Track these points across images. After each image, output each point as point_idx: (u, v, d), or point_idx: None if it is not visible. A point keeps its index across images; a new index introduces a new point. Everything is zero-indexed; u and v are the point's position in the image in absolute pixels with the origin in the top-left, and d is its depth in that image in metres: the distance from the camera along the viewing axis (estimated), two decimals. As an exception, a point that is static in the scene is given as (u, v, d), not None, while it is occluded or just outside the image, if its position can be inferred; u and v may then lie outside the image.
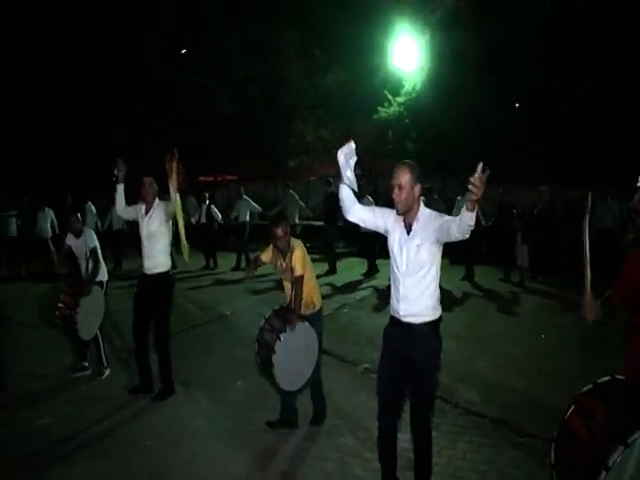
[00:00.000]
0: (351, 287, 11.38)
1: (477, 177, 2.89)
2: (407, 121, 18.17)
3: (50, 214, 14.24)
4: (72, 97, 22.01)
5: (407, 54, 17.99)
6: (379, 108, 18.61)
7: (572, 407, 2.99)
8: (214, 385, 6.15)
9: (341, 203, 3.72)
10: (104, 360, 6.63)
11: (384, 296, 8.51)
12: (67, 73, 21.79)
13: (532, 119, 16.12)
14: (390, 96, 18.42)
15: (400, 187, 3.47)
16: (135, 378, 6.01)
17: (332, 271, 12.85)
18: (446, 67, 16.89)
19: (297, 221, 14.84)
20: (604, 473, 2.61)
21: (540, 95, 15.76)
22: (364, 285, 11.52)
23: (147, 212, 5.78)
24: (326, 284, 11.38)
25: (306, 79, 20.83)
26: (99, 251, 6.59)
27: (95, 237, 6.67)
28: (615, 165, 13.19)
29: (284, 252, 4.83)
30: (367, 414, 4.96)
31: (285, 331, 4.55)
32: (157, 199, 5.80)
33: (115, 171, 5.77)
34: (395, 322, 3.66)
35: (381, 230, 3.73)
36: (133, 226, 13.39)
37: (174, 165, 5.38)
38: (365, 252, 12.84)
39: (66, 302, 6.37)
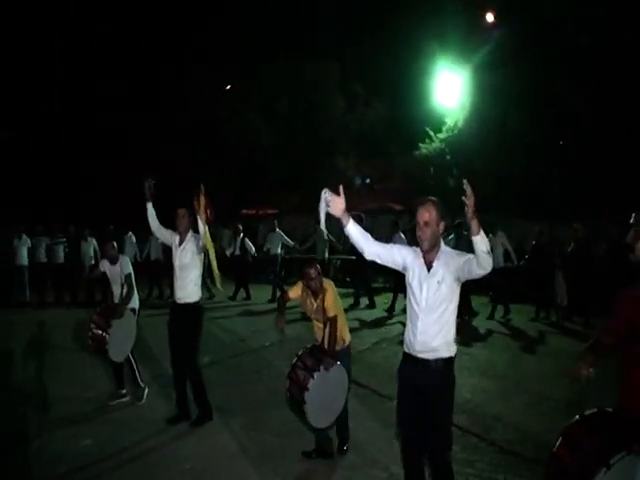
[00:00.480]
0: (389, 322, 11.36)
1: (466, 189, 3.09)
2: (448, 157, 18.26)
3: (93, 243, 14.67)
4: (121, 135, 22.87)
5: (449, 91, 18.19)
6: (420, 144, 18.78)
7: (560, 439, 3.04)
8: (252, 414, 6.23)
9: (354, 243, 3.70)
10: (140, 382, 6.76)
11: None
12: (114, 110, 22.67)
13: (574, 155, 16.05)
14: (432, 132, 18.58)
15: (426, 224, 3.50)
16: (174, 403, 6.13)
17: (371, 306, 12.88)
18: (487, 103, 17.03)
19: (326, 256, 14.78)
20: None
21: (584, 129, 15.69)
22: (401, 320, 11.44)
23: (180, 243, 5.93)
24: (364, 319, 11.43)
25: (348, 114, 21.12)
26: (133, 278, 6.79)
27: (130, 264, 6.89)
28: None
29: (316, 293, 4.92)
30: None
31: (319, 370, 4.63)
32: (191, 231, 5.93)
33: (146, 189, 5.89)
34: (410, 359, 3.66)
35: (398, 267, 3.72)
36: (168, 256, 13.87)
37: (202, 200, 5.56)
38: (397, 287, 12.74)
39: (98, 323, 6.54)
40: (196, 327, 5.96)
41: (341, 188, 3.56)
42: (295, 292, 5.14)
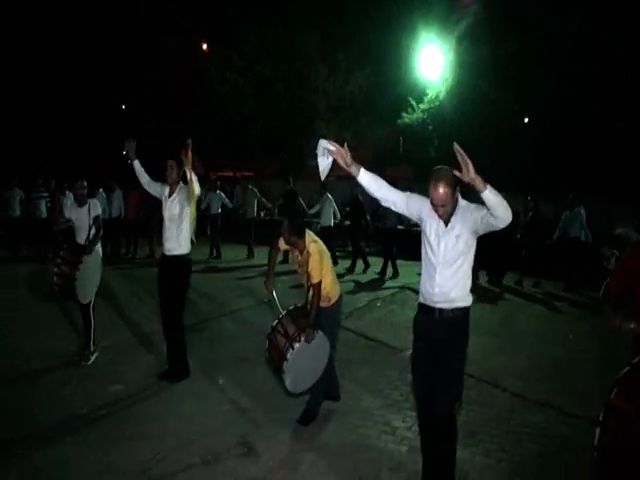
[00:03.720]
0: (378, 284, 11.66)
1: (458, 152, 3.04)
2: (430, 128, 18.60)
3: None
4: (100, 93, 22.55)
5: (432, 63, 18.44)
6: (403, 114, 19.04)
7: (615, 389, 2.96)
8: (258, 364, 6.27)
9: (367, 191, 3.66)
10: (92, 344, 6.53)
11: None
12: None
13: (548, 133, 16.64)
14: (414, 102, 18.86)
15: (442, 205, 3.47)
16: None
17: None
18: (469, 78, 17.38)
19: (255, 215, 14.90)
20: None
21: (559, 110, 16.26)
22: (388, 284, 11.76)
23: (170, 195, 5.82)
24: (352, 280, 11.75)
25: (329, 81, 21.16)
26: (101, 221, 6.53)
27: (99, 207, 6.63)
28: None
29: (297, 248, 4.89)
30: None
31: (299, 341, 4.57)
32: (181, 182, 5.82)
33: (125, 151, 5.81)
34: (426, 309, 3.70)
35: (413, 217, 3.73)
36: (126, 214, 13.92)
37: (189, 155, 5.53)
38: (386, 252, 12.94)
39: (67, 260, 6.20)
40: (183, 280, 5.90)
41: (345, 144, 3.52)
42: (283, 243, 5.03)
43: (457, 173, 3.09)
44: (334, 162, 3.57)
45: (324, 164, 3.58)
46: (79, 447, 4.47)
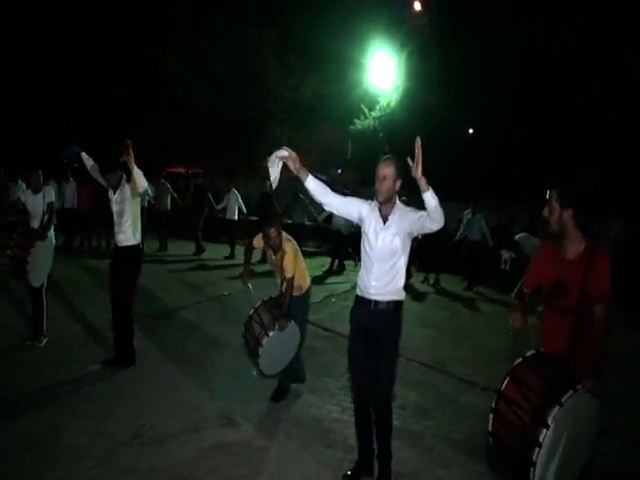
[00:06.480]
0: (332, 282, 12.23)
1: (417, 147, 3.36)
2: (381, 135, 19.35)
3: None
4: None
5: (384, 73, 19.22)
6: (355, 120, 19.74)
7: (507, 379, 3.23)
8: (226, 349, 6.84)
9: (313, 196, 3.92)
10: (44, 327, 6.70)
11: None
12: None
13: (491, 144, 17.62)
14: (366, 110, 19.59)
15: (384, 178, 3.76)
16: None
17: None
18: (419, 88, 18.21)
19: (236, 217, 14.65)
20: (545, 431, 2.92)
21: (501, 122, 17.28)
22: (341, 280, 12.40)
23: (115, 190, 5.99)
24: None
25: (283, 84, 21.59)
26: (54, 207, 6.79)
27: (53, 194, 6.86)
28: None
29: (275, 250, 5.23)
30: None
31: (273, 329, 4.99)
32: (124, 176, 5.95)
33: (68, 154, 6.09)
34: (362, 300, 3.96)
35: (354, 218, 4.00)
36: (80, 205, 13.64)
37: (131, 157, 5.81)
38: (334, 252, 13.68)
39: (20, 242, 6.43)
40: (134, 269, 6.11)
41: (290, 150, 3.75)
42: (258, 241, 5.36)
43: (410, 162, 3.38)
44: (284, 166, 3.85)
45: (275, 173, 3.85)
46: (68, 417, 4.81)
